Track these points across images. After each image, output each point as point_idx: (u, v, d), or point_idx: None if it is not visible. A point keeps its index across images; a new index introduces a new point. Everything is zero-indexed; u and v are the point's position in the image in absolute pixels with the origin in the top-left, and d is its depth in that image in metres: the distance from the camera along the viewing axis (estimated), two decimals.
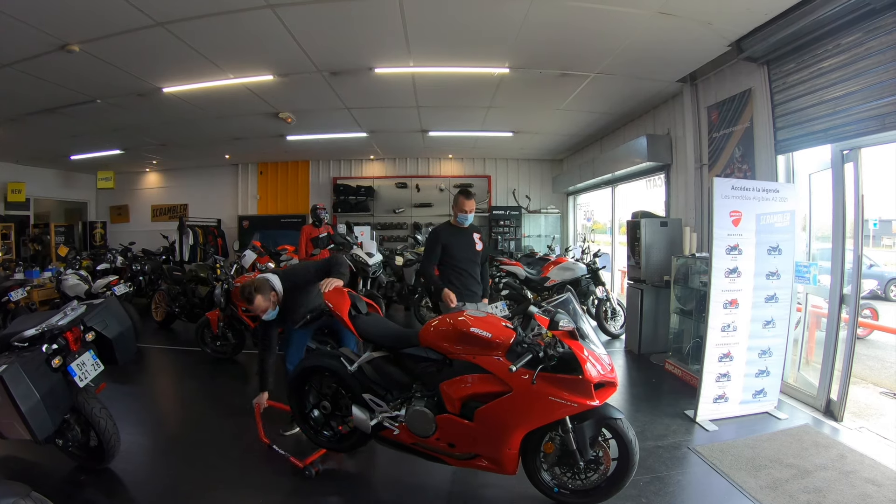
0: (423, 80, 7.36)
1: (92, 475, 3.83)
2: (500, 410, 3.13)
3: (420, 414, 3.40)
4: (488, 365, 3.19)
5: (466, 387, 3.25)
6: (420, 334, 3.58)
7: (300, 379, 4.03)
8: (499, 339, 3.23)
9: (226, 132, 10.58)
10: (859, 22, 4.46)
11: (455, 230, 5.01)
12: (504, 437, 3.16)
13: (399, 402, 3.59)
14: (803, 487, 3.55)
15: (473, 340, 3.28)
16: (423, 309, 9.02)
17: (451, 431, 3.34)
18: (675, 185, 7.97)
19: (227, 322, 6.89)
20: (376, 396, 3.67)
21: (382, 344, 3.78)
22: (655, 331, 7.14)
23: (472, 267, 4.99)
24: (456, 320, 3.47)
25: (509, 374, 3.06)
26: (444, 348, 3.41)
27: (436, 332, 3.50)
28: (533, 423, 3.13)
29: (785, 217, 4.92)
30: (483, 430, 3.20)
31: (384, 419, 3.59)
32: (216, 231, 14.63)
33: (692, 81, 7.15)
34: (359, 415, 3.63)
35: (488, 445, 3.24)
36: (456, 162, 14.43)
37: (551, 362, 3.02)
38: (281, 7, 5.02)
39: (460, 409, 3.28)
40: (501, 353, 3.20)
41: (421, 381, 3.57)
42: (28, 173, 13.21)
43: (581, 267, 8.36)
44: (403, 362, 3.69)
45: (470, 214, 4.95)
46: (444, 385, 3.33)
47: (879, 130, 4.32)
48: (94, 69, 6.38)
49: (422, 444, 3.50)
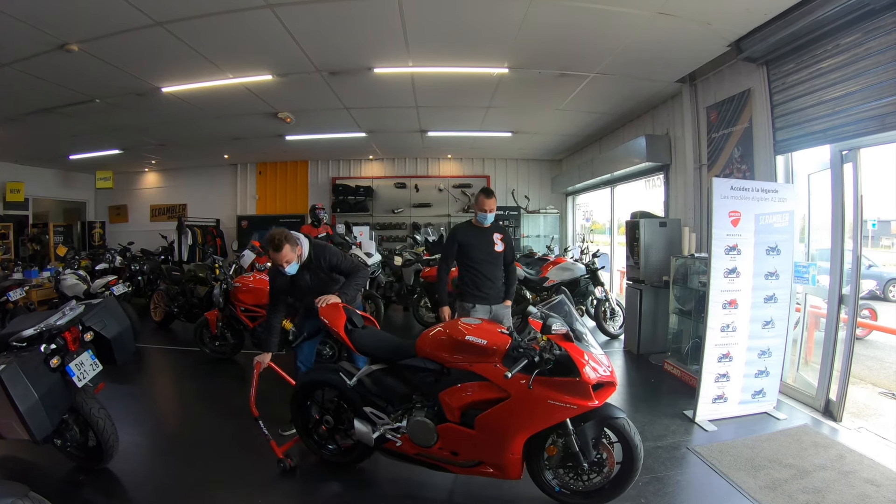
0: (423, 80, 7.36)
1: (90, 475, 3.82)
2: (499, 417, 3.13)
3: (421, 424, 3.40)
4: (485, 372, 3.19)
5: (465, 395, 3.25)
6: (416, 345, 3.57)
7: (302, 394, 4.02)
8: (494, 345, 3.22)
9: (225, 132, 10.57)
10: (858, 22, 4.47)
11: (474, 230, 4.91)
12: (506, 442, 3.15)
13: (400, 414, 3.57)
14: (802, 488, 3.56)
15: (469, 349, 3.27)
16: (422, 309, 9.03)
17: (452, 440, 3.33)
18: (674, 185, 7.97)
19: (226, 322, 6.88)
20: (377, 409, 3.66)
21: (380, 357, 3.78)
22: (654, 331, 7.13)
23: (489, 268, 4.84)
24: (451, 329, 3.47)
25: (506, 381, 3.06)
26: (441, 358, 3.41)
27: (432, 342, 3.50)
28: (533, 427, 3.12)
29: (784, 217, 4.92)
30: (484, 437, 3.20)
31: (386, 431, 3.59)
32: (215, 231, 14.62)
33: (691, 82, 7.15)
34: (361, 428, 3.62)
35: (491, 452, 3.24)
36: (455, 162, 14.43)
37: (547, 366, 3.01)
38: (280, 7, 5.02)
39: (460, 418, 3.28)
40: (498, 359, 3.19)
41: (420, 391, 3.56)
42: (27, 173, 13.20)
43: (580, 267, 8.36)
44: (402, 374, 3.68)
45: (490, 214, 4.82)
46: (443, 394, 3.33)
47: (879, 131, 4.32)
48: (93, 69, 6.38)
49: (425, 453, 3.49)
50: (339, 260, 4.35)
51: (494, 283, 4.86)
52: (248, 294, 6.62)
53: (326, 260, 4.29)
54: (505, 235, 4.95)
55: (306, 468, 3.99)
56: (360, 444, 3.82)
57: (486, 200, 4.79)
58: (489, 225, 4.89)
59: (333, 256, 4.33)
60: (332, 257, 4.32)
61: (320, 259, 4.27)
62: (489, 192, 4.84)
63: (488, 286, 4.83)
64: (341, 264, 4.34)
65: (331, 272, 4.35)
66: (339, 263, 4.34)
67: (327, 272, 4.33)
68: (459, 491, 3.69)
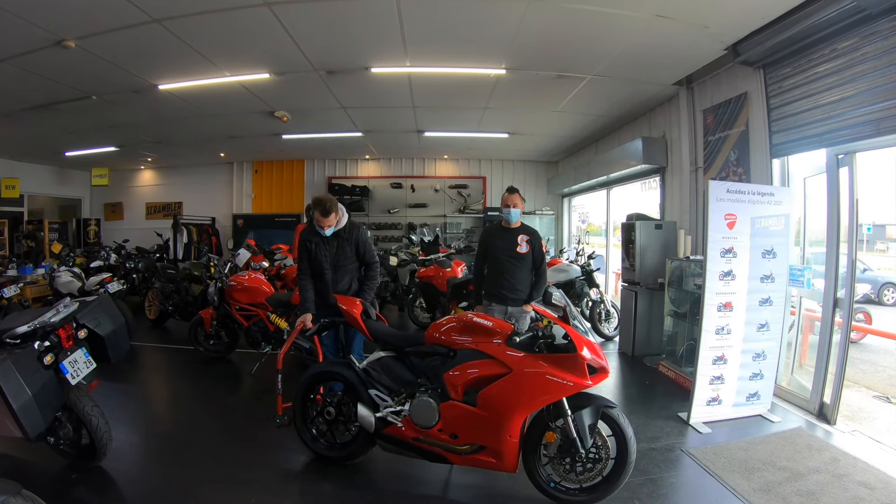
0: (420, 80, 7.36)
1: (83, 473, 3.80)
2: (500, 391, 3.28)
3: (424, 403, 3.52)
4: (489, 349, 3.40)
5: (469, 372, 3.43)
6: (426, 334, 3.76)
7: (308, 385, 4.06)
8: (499, 328, 3.49)
9: (221, 130, 10.55)
10: (855, 27, 4.49)
11: (501, 230, 4.96)
12: (505, 421, 3.27)
13: (404, 397, 3.69)
14: (796, 490, 3.57)
15: (475, 329, 3.54)
16: (416, 309, 9.03)
17: (453, 419, 3.44)
18: (670, 187, 7.99)
19: (221, 321, 6.86)
20: (382, 393, 3.78)
21: (391, 342, 3.95)
22: (649, 333, 7.15)
23: (510, 270, 4.85)
24: (460, 315, 3.80)
25: (508, 356, 3.31)
26: (449, 341, 3.61)
27: (441, 328, 3.72)
28: (532, 403, 3.26)
29: (779, 221, 4.94)
30: (485, 414, 3.31)
31: (388, 414, 3.68)
32: (210, 229, 14.59)
33: (688, 84, 7.17)
34: (364, 412, 3.72)
35: (490, 432, 3.33)
36: (451, 163, 14.43)
37: (549, 339, 3.30)
38: (278, 5, 5.01)
39: (463, 397, 3.43)
40: (501, 338, 3.41)
41: (426, 376, 3.70)
42: (22, 169, 13.14)
43: (575, 269, 8.36)
44: (410, 360, 3.84)
45: (513, 209, 4.85)
46: (447, 375, 3.49)
47: (874, 135, 4.34)
48: (89, 65, 6.36)
49: (424, 437, 3.55)
50: (366, 242, 4.68)
51: (514, 285, 4.85)
52: (243, 293, 6.60)
53: (357, 236, 4.61)
54: (532, 238, 4.91)
55: (302, 467, 3.99)
56: (356, 439, 3.90)
57: (509, 196, 4.89)
58: (516, 224, 4.93)
59: (363, 236, 4.67)
60: (362, 236, 4.66)
61: (353, 233, 4.59)
62: (511, 189, 4.93)
63: (506, 286, 4.85)
64: (366, 247, 4.67)
65: (355, 250, 4.62)
66: (365, 245, 4.66)
67: (352, 248, 4.60)
68: (455, 489, 3.70)
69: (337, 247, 4.54)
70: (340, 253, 4.55)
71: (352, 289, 4.65)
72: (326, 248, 4.51)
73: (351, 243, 4.57)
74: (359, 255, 4.66)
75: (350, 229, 4.57)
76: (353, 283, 4.70)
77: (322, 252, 4.50)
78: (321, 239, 4.49)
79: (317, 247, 4.50)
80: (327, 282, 4.53)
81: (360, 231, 4.64)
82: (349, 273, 4.65)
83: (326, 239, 4.49)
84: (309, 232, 4.53)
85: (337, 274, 4.57)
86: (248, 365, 6.42)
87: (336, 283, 4.56)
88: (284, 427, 4.04)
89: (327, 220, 4.35)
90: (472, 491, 3.71)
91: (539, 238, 4.99)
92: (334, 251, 4.53)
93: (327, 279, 4.53)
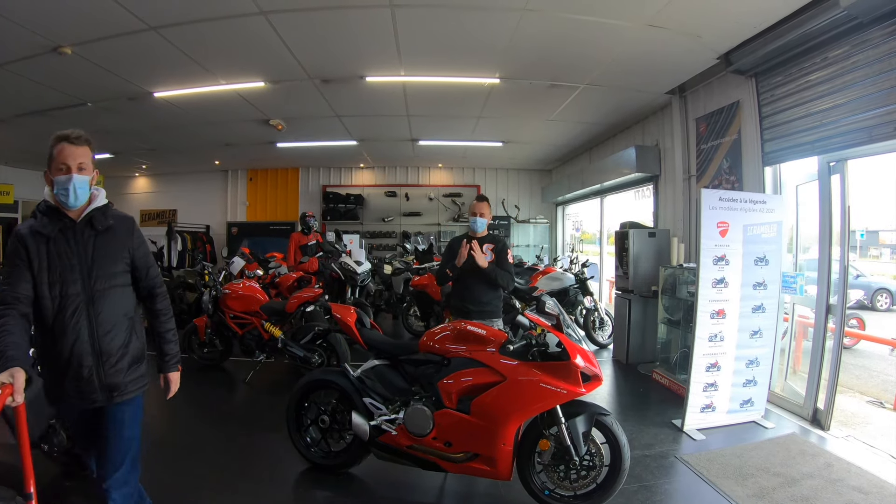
0: (414, 89, 7.39)
1: (77, 481, 3.78)
2: (494, 400, 3.29)
3: (419, 411, 3.50)
4: (482, 357, 3.42)
5: (463, 381, 3.42)
6: (420, 342, 3.76)
7: (302, 394, 4.05)
8: (493, 336, 3.52)
9: (216, 138, 10.55)
10: (846, 36, 4.53)
11: (467, 240, 4.55)
12: (499, 428, 3.26)
13: (398, 405, 3.68)
14: (790, 496, 3.57)
15: (469, 337, 3.56)
16: (411, 318, 9.02)
17: (448, 427, 3.42)
18: (664, 195, 8.03)
19: (215, 329, 6.82)
20: (376, 401, 3.77)
21: (385, 350, 3.99)
22: (643, 341, 7.16)
23: (473, 282, 4.55)
24: (454, 324, 3.80)
25: (502, 364, 3.32)
26: (443, 348, 3.62)
27: (434, 337, 3.72)
28: (525, 411, 3.27)
29: (772, 228, 4.97)
30: (479, 422, 3.31)
31: (382, 422, 3.66)
32: (205, 237, 14.53)
33: (681, 93, 7.22)
34: (358, 420, 3.68)
35: (484, 439, 3.32)
36: (446, 171, 14.47)
37: (543, 347, 3.32)
38: (274, 14, 5.04)
39: (457, 405, 3.42)
40: (495, 347, 3.44)
41: (420, 384, 3.73)
42: (17, 175, 13.01)
43: (569, 277, 8.37)
44: (404, 368, 3.85)
45: (480, 218, 4.58)
46: (441, 383, 3.48)
47: (866, 143, 4.38)
48: (85, 72, 6.35)
49: (418, 445, 3.53)
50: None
51: (479, 297, 4.58)
52: (238, 301, 6.58)
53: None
54: (497, 245, 4.63)
55: (297, 476, 3.96)
56: (350, 447, 3.89)
57: (476, 204, 4.63)
58: (482, 233, 4.64)
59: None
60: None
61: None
62: (480, 197, 4.77)
63: (469, 299, 4.59)
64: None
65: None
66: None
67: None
68: (449, 497, 3.70)
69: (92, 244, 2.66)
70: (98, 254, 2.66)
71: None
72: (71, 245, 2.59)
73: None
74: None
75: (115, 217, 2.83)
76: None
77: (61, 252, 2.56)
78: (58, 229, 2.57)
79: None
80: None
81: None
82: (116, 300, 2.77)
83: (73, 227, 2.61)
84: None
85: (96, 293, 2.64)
86: (243, 373, 6.38)
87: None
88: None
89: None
90: (466, 499, 3.71)
91: (505, 246, 4.68)
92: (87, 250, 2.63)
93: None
